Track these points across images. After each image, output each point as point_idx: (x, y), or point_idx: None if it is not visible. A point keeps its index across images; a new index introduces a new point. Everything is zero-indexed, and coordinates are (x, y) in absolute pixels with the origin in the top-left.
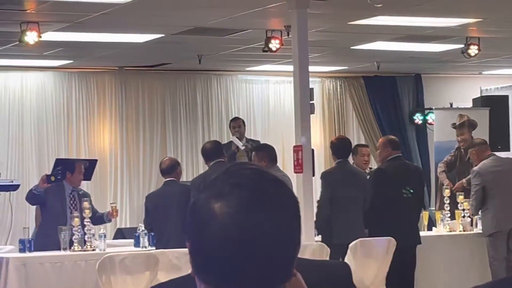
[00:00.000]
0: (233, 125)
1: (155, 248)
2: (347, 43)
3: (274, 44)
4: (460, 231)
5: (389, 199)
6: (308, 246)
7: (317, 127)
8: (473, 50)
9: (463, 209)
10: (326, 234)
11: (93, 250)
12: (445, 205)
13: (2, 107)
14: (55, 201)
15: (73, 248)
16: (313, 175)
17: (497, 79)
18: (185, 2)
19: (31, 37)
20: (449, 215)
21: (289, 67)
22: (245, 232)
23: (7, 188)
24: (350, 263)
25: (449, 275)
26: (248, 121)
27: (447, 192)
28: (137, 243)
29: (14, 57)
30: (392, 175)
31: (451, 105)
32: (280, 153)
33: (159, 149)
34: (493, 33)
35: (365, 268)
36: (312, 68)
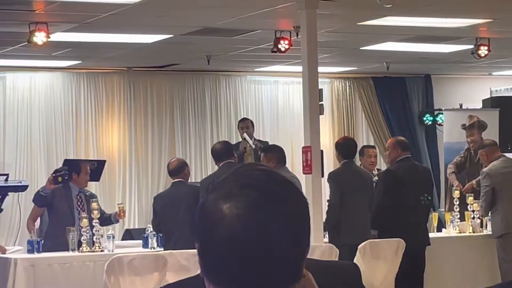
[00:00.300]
0: (241, 125)
1: (163, 249)
2: (356, 44)
3: (283, 44)
4: (469, 233)
5: (398, 201)
6: (317, 247)
7: (326, 128)
8: (483, 50)
9: (473, 211)
10: (333, 234)
11: (101, 251)
12: (455, 206)
13: (11, 107)
14: (62, 203)
15: (81, 249)
16: (322, 176)
17: (507, 80)
18: (194, 2)
19: (39, 38)
20: (458, 216)
21: (298, 68)
22: (253, 233)
23: (16, 188)
24: (359, 264)
25: (459, 277)
26: (257, 122)
27: (456, 193)
28: (145, 244)
29: (22, 58)
30: (401, 176)
31: (461, 106)
32: (289, 154)
33: (167, 150)
34: (503, 33)
35: (374, 269)
36: (321, 68)
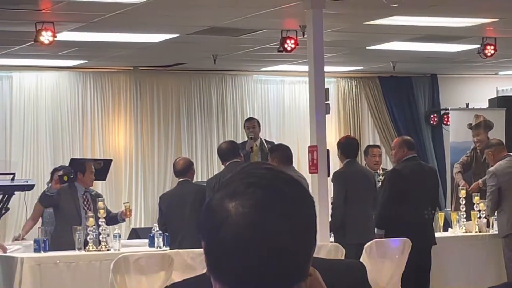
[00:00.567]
0: (247, 125)
1: (169, 248)
2: (362, 43)
3: (289, 44)
4: (475, 232)
5: (404, 200)
6: (323, 246)
7: (332, 127)
8: (489, 50)
9: (479, 210)
10: (339, 234)
11: (107, 250)
12: (461, 206)
13: (17, 106)
14: (68, 203)
15: (87, 248)
16: (328, 176)
17: None
18: (200, 2)
19: (46, 37)
20: (464, 216)
21: (305, 67)
22: (259, 232)
23: (22, 188)
24: (365, 263)
25: (465, 276)
26: (263, 121)
27: (462, 193)
28: (151, 243)
29: (29, 57)
30: (407, 176)
31: (467, 105)
32: (295, 153)
33: (174, 149)
34: (509, 33)
35: (380, 268)
36: (327, 68)
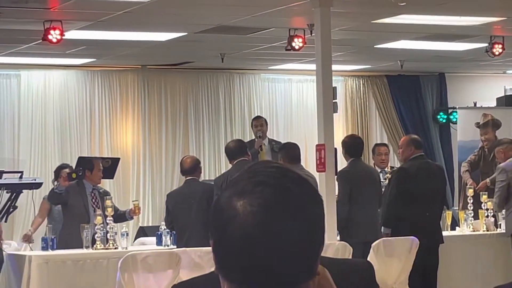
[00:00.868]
0: (255, 123)
1: (176, 246)
2: (370, 42)
3: (297, 42)
4: (483, 231)
5: (411, 198)
6: (330, 245)
7: (340, 126)
8: (497, 49)
9: (487, 209)
10: (344, 232)
11: (115, 248)
12: (469, 204)
13: (25, 105)
14: (77, 200)
15: (95, 246)
16: (336, 174)
17: None
18: (208, 0)
19: (54, 36)
20: (472, 214)
21: (312, 66)
22: (265, 230)
23: (30, 186)
24: (372, 262)
25: (472, 275)
26: (270, 120)
27: (470, 191)
28: (159, 241)
29: (37, 56)
30: (414, 174)
31: (475, 104)
32: (302, 152)
33: (181, 147)
34: None
35: (388, 267)
36: (335, 67)
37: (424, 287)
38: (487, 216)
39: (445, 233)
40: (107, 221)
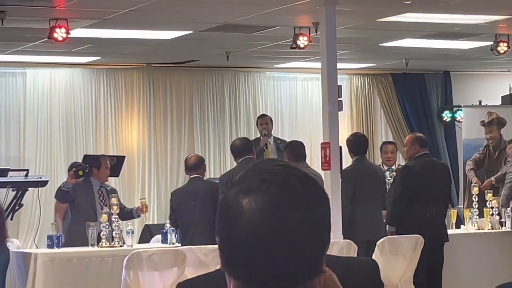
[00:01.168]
0: (260, 122)
1: (179, 243)
2: (375, 40)
3: (302, 41)
4: (488, 229)
5: (416, 197)
6: (335, 243)
7: (345, 124)
8: (503, 47)
9: (492, 207)
10: (348, 231)
11: (120, 246)
12: (473, 203)
13: (31, 103)
14: (84, 198)
15: (100, 244)
16: (341, 172)
17: None
18: None
19: (60, 34)
20: (477, 213)
21: (317, 64)
22: (271, 227)
23: (36, 184)
24: (377, 260)
25: (477, 273)
26: (275, 118)
27: (475, 190)
28: (164, 239)
29: (43, 54)
30: (419, 173)
31: (480, 102)
32: (307, 150)
33: (186, 145)
34: None
35: (393, 265)
36: (340, 65)
37: (429, 285)
38: (492, 214)
39: (450, 231)
40: (113, 219)
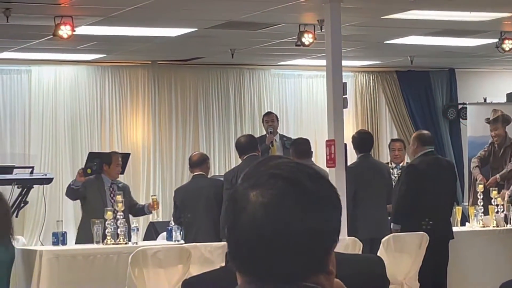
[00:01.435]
0: (266, 119)
1: (183, 241)
2: (380, 38)
3: (307, 38)
4: (493, 227)
5: (421, 194)
6: (340, 240)
7: (350, 122)
8: (508, 44)
9: (497, 205)
10: (350, 229)
11: (125, 243)
12: (479, 200)
13: (36, 100)
14: (95, 195)
15: (105, 241)
16: (346, 170)
17: None
18: None
19: (65, 31)
20: (482, 210)
21: (322, 62)
22: (273, 221)
23: (41, 181)
24: (382, 258)
25: (482, 270)
26: (280, 115)
27: (480, 187)
28: (169, 236)
29: (48, 51)
30: (424, 170)
31: (485, 100)
32: (312, 147)
33: (191, 143)
34: None
35: (398, 263)
36: (345, 62)
37: (434, 282)
38: (497, 211)
39: (455, 229)
40: (118, 216)
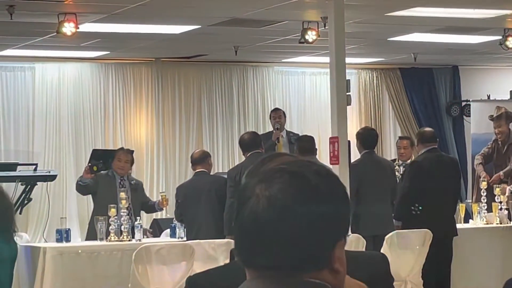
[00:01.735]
0: (273, 115)
1: (185, 238)
2: (383, 35)
3: (310, 35)
4: (496, 224)
5: (425, 191)
6: None
7: (353, 119)
8: (511, 41)
9: (500, 202)
10: (353, 226)
11: (129, 240)
12: (482, 197)
13: (39, 98)
14: (106, 191)
15: (109, 238)
16: (349, 167)
17: None
18: None
19: (68, 28)
20: (485, 207)
21: (326, 59)
22: (273, 214)
23: (44, 178)
24: (386, 254)
25: (486, 267)
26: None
27: (484, 184)
28: (173, 233)
29: (51, 48)
30: (427, 167)
31: (489, 97)
32: (316, 144)
33: (195, 140)
34: None
35: (401, 260)
36: (348, 59)
37: (437, 279)
38: (501, 208)
39: (458, 226)
40: (121, 213)
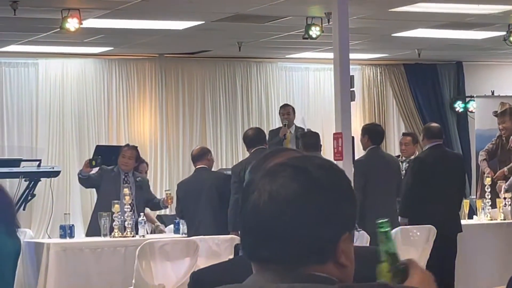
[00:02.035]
0: (282, 111)
1: (186, 234)
2: (388, 30)
3: (314, 31)
4: (501, 220)
5: (429, 188)
6: None
7: (357, 115)
8: None
9: (504, 198)
10: (358, 222)
11: (133, 236)
12: (486, 193)
13: (43, 93)
14: (109, 186)
15: (113, 234)
16: (353, 163)
17: None
18: None
19: (72, 24)
20: (490, 203)
21: (329, 55)
22: (273, 208)
23: (48, 174)
24: None
25: (490, 264)
26: None
27: (488, 180)
28: (177, 229)
29: (55, 44)
30: (431, 163)
31: (493, 93)
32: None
33: (198, 136)
34: None
35: (405, 256)
36: (352, 55)
37: (441, 275)
38: (505, 205)
39: (462, 222)
40: (125, 209)
